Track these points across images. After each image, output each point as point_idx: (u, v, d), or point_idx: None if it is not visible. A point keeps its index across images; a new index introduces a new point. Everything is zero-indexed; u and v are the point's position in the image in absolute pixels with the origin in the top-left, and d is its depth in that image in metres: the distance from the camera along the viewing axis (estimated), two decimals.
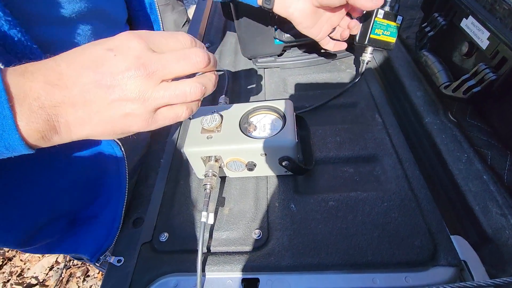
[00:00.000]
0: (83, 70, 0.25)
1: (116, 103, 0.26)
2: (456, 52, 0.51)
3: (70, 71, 0.25)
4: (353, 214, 0.42)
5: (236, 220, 0.44)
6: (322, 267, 0.38)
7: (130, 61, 0.26)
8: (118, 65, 0.25)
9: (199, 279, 0.36)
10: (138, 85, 0.26)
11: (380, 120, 0.54)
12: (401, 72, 0.62)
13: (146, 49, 0.26)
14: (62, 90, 0.24)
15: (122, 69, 0.25)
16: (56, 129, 0.25)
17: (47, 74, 0.24)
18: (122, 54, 0.26)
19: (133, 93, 0.26)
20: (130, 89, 0.26)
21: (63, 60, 0.26)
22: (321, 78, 0.65)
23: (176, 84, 0.28)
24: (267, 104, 0.47)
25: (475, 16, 0.46)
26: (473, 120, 0.49)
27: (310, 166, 0.47)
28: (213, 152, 0.43)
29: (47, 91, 0.24)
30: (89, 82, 0.25)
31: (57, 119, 0.25)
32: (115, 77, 0.25)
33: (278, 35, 0.62)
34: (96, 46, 0.26)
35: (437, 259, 0.37)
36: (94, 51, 0.26)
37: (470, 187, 0.43)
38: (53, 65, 0.25)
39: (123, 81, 0.25)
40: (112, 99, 0.26)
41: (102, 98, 0.25)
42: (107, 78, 0.25)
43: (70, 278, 1.30)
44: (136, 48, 0.26)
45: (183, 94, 0.28)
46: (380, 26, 0.53)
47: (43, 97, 0.24)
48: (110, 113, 0.26)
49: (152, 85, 0.26)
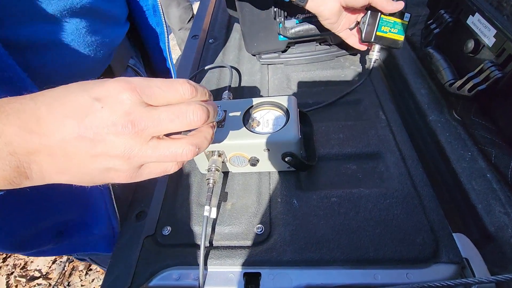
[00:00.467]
0: (65, 119, 0.22)
1: (98, 158, 0.23)
2: (461, 50, 0.51)
3: (51, 118, 0.22)
4: (355, 211, 0.42)
5: (238, 215, 0.44)
6: (324, 263, 0.38)
7: (118, 116, 0.23)
8: (104, 119, 0.23)
9: (201, 272, 0.37)
10: (123, 142, 0.23)
11: (383, 118, 0.54)
12: (406, 69, 0.61)
13: (138, 103, 0.23)
14: (40, 137, 0.22)
15: (108, 124, 0.23)
16: (27, 175, 0.23)
17: (24, 118, 0.22)
18: (110, 107, 0.23)
19: (118, 150, 0.23)
20: (114, 145, 0.23)
21: (44, 103, 0.23)
22: (325, 75, 0.65)
23: (166, 143, 0.25)
24: (270, 99, 0.47)
25: (481, 13, 0.45)
26: (478, 118, 0.49)
27: (313, 162, 0.47)
28: (217, 147, 0.43)
29: (22, 137, 0.21)
30: (70, 134, 0.22)
31: (29, 166, 0.22)
32: (100, 131, 0.23)
33: (283, 31, 0.62)
34: (83, 92, 0.23)
35: (439, 256, 0.37)
36: (80, 99, 0.23)
37: (473, 185, 0.43)
38: (33, 107, 0.22)
39: (108, 136, 0.23)
40: (95, 154, 0.23)
41: (84, 152, 0.23)
42: (90, 131, 0.23)
43: (72, 272, 1.32)
44: (127, 103, 0.23)
45: (173, 155, 0.25)
46: (387, 23, 0.52)
47: (16, 143, 0.21)
48: (91, 167, 0.24)
49: (139, 143, 0.24)
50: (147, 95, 0.24)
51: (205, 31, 0.84)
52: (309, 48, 0.68)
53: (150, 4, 0.51)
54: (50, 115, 0.22)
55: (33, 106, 0.22)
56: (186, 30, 1.87)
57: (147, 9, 0.51)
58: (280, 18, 0.60)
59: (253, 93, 0.64)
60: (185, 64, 0.73)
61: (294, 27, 0.61)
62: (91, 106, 0.23)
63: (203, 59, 0.75)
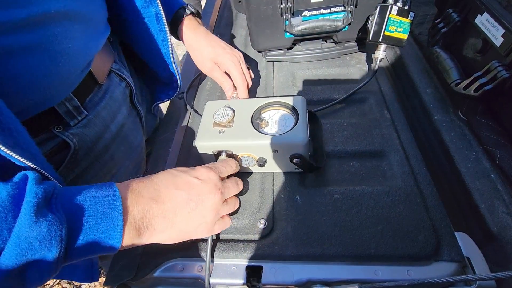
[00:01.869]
0: (177, 191, 0.34)
1: (196, 217, 0.35)
2: (469, 49, 0.50)
3: (167, 191, 0.34)
4: (357, 208, 0.42)
5: (242, 209, 0.44)
6: (325, 258, 0.39)
7: (211, 187, 0.36)
8: (204, 189, 0.36)
9: (207, 264, 0.38)
10: (214, 202, 0.36)
11: (388, 116, 0.54)
12: (412, 68, 0.61)
13: (218, 178, 0.38)
14: (160, 204, 0.32)
15: (206, 192, 0.36)
16: (140, 236, 0.31)
17: (150, 192, 0.33)
18: (206, 182, 0.36)
19: (212, 208, 0.36)
20: (208, 205, 0.36)
21: (161, 181, 0.34)
22: (330, 73, 0.65)
23: (231, 201, 0.41)
24: (279, 100, 0.47)
25: (490, 13, 0.45)
26: (483, 118, 0.49)
27: (321, 164, 0.46)
28: (225, 146, 0.43)
29: (150, 205, 0.32)
30: (181, 200, 0.34)
31: (147, 227, 0.31)
32: (201, 197, 0.35)
33: (289, 28, 0.62)
34: (186, 174, 0.36)
35: (440, 254, 0.37)
36: (186, 178, 0.36)
37: (477, 185, 0.43)
38: (154, 185, 0.33)
39: (205, 200, 0.35)
40: (196, 214, 0.35)
41: (187, 213, 0.34)
42: (195, 198, 0.35)
43: None
44: (214, 179, 0.37)
45: (234, 207, 0.42)
46: (394, 22, 0.52)
47: (146, 210, 0.31)
48: (187, 224, 0.34)
49: (221, 201, 0.37)
50: (220, 172, 0.40)
51: (211, 27, 0.84)
52: (315, 45, 0.68)
53: (153, 12, 0.49)
54: (167, 189, 0.34)
55: (153, 184, 0.34)
56: None
57: (149, 16, 0.49)
58: (286, 15, 0.60)
59: (258, 90, 0.64)
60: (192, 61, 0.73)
61: (300, 24, 0.61)
62: (194, 182, 0.36)
63: None
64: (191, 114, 0.61)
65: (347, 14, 0.60)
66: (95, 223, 0.27)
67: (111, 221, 0.28)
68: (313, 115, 0.52)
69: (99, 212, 0.28)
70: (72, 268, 0.40)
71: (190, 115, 0.61)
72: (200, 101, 0.63)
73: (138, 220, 0.30)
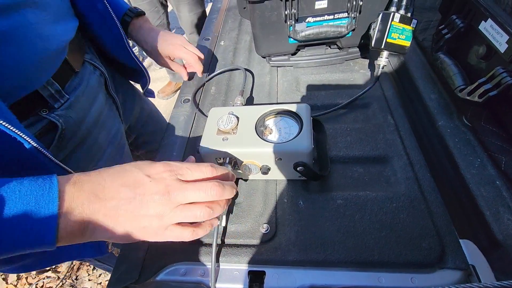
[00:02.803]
0: (123, 188, 0.31)
1: (139, 218, 0.31)
2: (473, 55, 0.50)
3: (112, 187, 0.30)
4: (361, 213, 0.42)
5: (245, 213, 0.44)
6: (328, 264, 0.38)
7: (160, 187, 0.31)
8: (150, 189, 0.31)
9: (213, 269, 0.38)
10: (160, 205, 0.31)
11: (392, 122, 0.54)
12: (416, 74, 0.61)
13: (174, 179, 0.32)
14: (102, 201, 0.30)
15: (151, 192, 0.31)
16: (82, 233, 0.29)
17: (94, 187, 0.30)
18: (156, 181, 0.32)
19: (155, 211, 0.31)
20: (153, 207, 0.31)
21: (109, 176, 0.31)
22: (334, 78, 0.66)
23: (189, 207, 0.33)
24: (283, 107, 0.47)
25: (494, 19, 0.45)
26: (488, 124, 0.48)
27: (325, 172, 0.46)
28: (228, 154, 0.44)
29: (90, 200, 0.29)
30: (124, 198, 0.30)
31: (87, 225, 0.29)
32: (145, 197, 0.31)
33: (293, 34, 0.62)
34: (138, 170, 0.32)
35: (445, 261, 0.37)
36: (136, 174, 0.32)
37: (482, 192, 0.42)
38: (100, 179, 0.31)
39: (150, 201, 0.31)
40: (138, 215, 0.31)
41: (130, 213, 0.30)
42: (139, 197, 0.31)
43: (81, 266, 1.34)
44: (167, 178, 0.32)
45: (193, 216, 0.33)
46: (396, 30, 0.53)
47: (85, 205, 0.29)
48: (132, 225, 0.31)
49: (170, 207, 0.32)
50: (180, 174, 0.33)
51: (216, 33, 0.85)
52: (318, 51, 0.68)
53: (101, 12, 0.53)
54: (112, 185, 0.30)
55: (100, 178, 0.31)
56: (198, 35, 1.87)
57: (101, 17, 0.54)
58: (290, 21, 0.61)
59: (262, 95, 0.65)
60: None
61: (304, 30, 0.62)
62: (143, 179, 0.31)
63: (214, 61, 0.76)
64: (195, 119, 0.62)
65: (351, 20, 0.60)
66: (24, 216, 0.26)
67: (44, 214, 0.26)
68: (318, 123, 0.52)
69: (30, 204, 0.26)
70: (80, 246, 0.42)
71: (194, 120, 0.62)
72: (204, 106, 0.64)
73: (77, 215, 0.28)
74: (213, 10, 0.96)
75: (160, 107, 2.12)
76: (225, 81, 0.69)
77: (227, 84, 0.68)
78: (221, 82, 0.69)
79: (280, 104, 0.48)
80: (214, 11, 0.95)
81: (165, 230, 0.32)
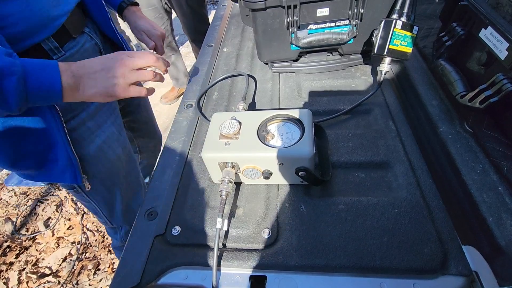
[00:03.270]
0: (96, 64, 0.49)
1: (110, 78, 0.49)
2: (473, 62, 0.51)
3: (90, 64, 0.48)
4: (362, 218, 0.42)
5: (246, 218, 0.45)
6: (330, 269, 0.38)
7: (119, 62, 0.49)
8: (113, 63, 0.49)
9: (214, 273, 0.38)
10: (122, 70, 0.49)
11: (393, 128, 0.54)
12: (417, 80, 0.62)
13: (127, 56, 0.51)
14: (85, 69, 0.48)
15: (115, 65, 0.49)
16: (78, 88, 0.47)
17: (78, 64, 0.48)
18: (116, 60, 0.50)
19: (119, 73, 0.49)
20: (118, 72, 0.49)
21: (86, 59, 0.49)
22: (335, 84, 0.66)
23: (139, 71, 0.51)
24: (285, 112, 0.48)
25: (494, 27, 0.45)
26: (490, 130, 0.49)
27: (327, 177, 0.46)
28: (230, 158, 0.44)
29: (78, 69, 0.47)
30: (99, 69, 0.48)
31: (79, 82, 0.47)
32: (112, 67, 0.49)
33: (295, 41, 0.63)
34: (105, 56, 0.50)
35: (447, 268, 0.37)
36: (103, 58, 0.50)
37: (484, 198, 0.42)
38: (83, 61, 0.49)
39: (114, 69, 0.49)
40: (109, 76, 0.49)
41: (103, 76, 0.48)
42: (107, 68, 0.49)
43: (81, 271, 1.34)
44: (123, 57, 0.50)
45: (142, 75, 0.52)
46: (398, 36, 0.53)
47: (75, 71, 0.47)
48: (107, 83, 0.48)
49: (128, 70, 0.50)
50: (132, 55, 0.51)
51: (219, 39, 0.86)
52: (320, 57, 0.69)
53: None
54: (90, 62, 0.49)
55: (83, 60, 0.49)
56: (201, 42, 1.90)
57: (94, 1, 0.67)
58: (292, 28, 0.62)
59: (264, 100, 0.65)
60: (200, 70, 0.75)
61: (306, 37, 0.63)
62: (108, 59, 0.49)
63: (217, 67, 0.77)
64: (197, 124, 0.62)
65: (352, 28, 0.61)
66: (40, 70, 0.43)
67: (51, 70, 0.44)
68: (319, 128, 0.52)
69: (43, 66, 0.44)
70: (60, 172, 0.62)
71: (196, 125, 0.62)
72: (207, 111, 0.65)
73: (71, 78, 0.45)
74: (217, 17, 0.97)
75: (163, 112, 2.13)
76: (227, 86, 0.70)
77: (229, 90, 0.69)
78: (223, 87, 0.70)
79: (282, 109, 0.49)
80: (217, 18, 0.97)
81: (129, 87, 0.50)
